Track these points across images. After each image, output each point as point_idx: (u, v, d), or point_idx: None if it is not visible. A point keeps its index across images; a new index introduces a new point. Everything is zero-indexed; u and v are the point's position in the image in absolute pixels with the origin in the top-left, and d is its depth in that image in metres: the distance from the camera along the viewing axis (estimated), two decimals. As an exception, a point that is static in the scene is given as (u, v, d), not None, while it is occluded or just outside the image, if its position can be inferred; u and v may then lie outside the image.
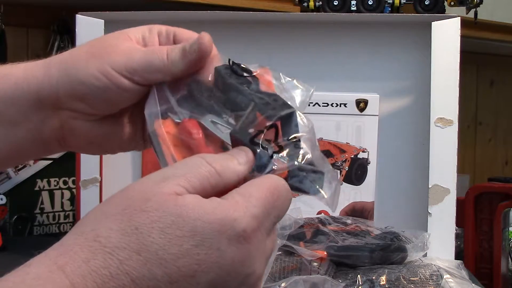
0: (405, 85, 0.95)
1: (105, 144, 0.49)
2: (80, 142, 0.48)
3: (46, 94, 0.45)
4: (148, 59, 0.44)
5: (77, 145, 0.49)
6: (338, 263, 0.76)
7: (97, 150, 0.52)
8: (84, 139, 0.48)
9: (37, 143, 0.47)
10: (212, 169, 0.36)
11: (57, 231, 1.22)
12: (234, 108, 0.42)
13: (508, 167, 2.06)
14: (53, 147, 0.49)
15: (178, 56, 0.44)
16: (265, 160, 0.39)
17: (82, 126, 0.47)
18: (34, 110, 0.46)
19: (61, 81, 0.45)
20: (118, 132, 0.49)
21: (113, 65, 0.44)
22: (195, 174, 0.36)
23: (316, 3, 0.99)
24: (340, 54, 0.95)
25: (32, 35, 1.36)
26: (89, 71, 0.44)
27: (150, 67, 0.44)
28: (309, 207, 0.92)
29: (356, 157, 0.92)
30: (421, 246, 0.80)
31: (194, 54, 0.44)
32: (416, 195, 0.92)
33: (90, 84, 0.44)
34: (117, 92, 0.44)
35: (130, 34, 0.46)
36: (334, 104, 0.93)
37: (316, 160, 0.41)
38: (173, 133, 0.42)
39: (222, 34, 0.96)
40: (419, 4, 0.98)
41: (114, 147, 0.50)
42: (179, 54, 0.44)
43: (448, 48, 0.88)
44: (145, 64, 0.44)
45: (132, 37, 0.46)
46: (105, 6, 0.91)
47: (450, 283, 0.73)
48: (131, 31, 0.47)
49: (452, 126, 0.88)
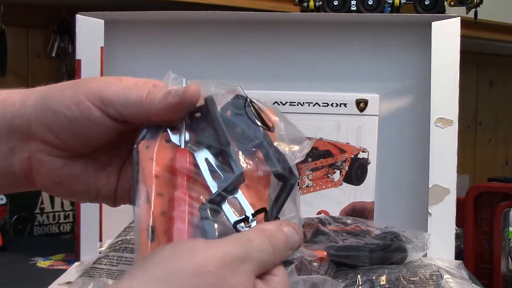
0: (405, 85, 0.95)
1: (73, 188, 0.46)
2: (47, 180, 0.45)
3: (19, 122, 0.43)
4: (126, 92, 0.42)
5: (44, 183, 0.46)
6: (338, 263, 0.76)
7: (64, 193, 0.47)
8: (52, 177, 0.45)
9: (6, 173, 0.45)
10: (274, 261, 0.38)
11: (57, 231, 1.22)
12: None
13: (508, 167, 2.06)
14: (22, 183, 0.46)
15: (159, 96, 0.41)
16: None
17: (50, 162, 0.44)
18: (5, 137, 0.44)
19: (35, 109, 0.43)
20: (88, 177, 0.46)
21: (87, 93, 0.41)
22: (265, 263, 0.38)
23: (316, 3, 0.99)
24: (340, 54, 0.95)
25: (32, 35, 1.36)
26: (62, 100, 0.42)
27: (126, 100, 0.41)
28: (309, 207, 0.92)
29: (356, 157, 0.92)
30: (421, 246, 0.80)
31: (176, 97, 0.41)
32: (416, 195, 0.92)
33: (59, 113, 0.42)
34: (87, 125, 0.42)
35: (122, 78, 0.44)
36: (334, 104, 0.93)
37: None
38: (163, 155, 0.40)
39: (222, 34, 0.97)
40: (419, 4, 0.98)
41: (83, 194, 0.47)
42: (160, 94, 0.41)
43: (448, 48, 0.88)
44: (121, 96, 0.41)
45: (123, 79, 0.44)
46: (105, 6, 0.91)
47: (450, 283, 0.73)
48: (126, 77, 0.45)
49: (452, 126, 0.88)
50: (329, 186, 0.93)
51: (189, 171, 0.39)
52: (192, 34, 0.95)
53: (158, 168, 0.40)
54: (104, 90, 0.41)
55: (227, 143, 0.40)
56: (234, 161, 0.40)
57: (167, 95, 0.41)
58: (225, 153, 0.40)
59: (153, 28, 0.95)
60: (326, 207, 0.93)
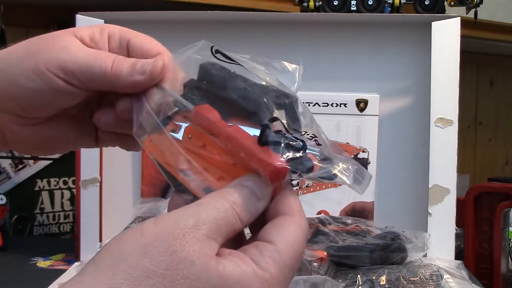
0: (405, 85, 0.95)
1: (51, 147, 0.44)
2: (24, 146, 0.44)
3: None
4: (88, 63, 0.39)
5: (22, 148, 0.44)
6: (338, 263, 0.76)
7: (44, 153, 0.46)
8: (28, 143, 0.43)
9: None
10: (237, 216, 0.34)
11: (57, 231, 1.22)
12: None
13: (508, 167, 2.06)
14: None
15: (125, 71, 0.39)
16: (307, 162, 0.36)
17: (23, 131, 0.42)
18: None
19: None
20: (65, 133, 0.44)
21: (47, 64, 0.38)
22: (225, 221, 0.33)
23: (316, 3, 0.99)
24: (340, 54, 0.95)
25: (32, 35, 1.34)
26: (22, 70, 0.39)
27: (90, 73, 0.39)
28: (309, 207, 0.92)
29: (356, 157, 0.92)
30: (421, 246, 0.80)
31: (142, 76, 0.39)
32: (416, 195, 0.92)
33: (23, 85, 0.39)
34: (53, 93, 0.39)
35: (76, 32, 0.41)
36: (334, 104, 0.93)
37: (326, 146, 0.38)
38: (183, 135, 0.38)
39: (222, 34, 0.97)
40: (419, 4, 0.98)
41: (62, 149, 0.45)
42: (126, 69, 0.39)
43: (448, 48, 0.88)
44: (84, 68, 0.39)
45: (77, 36, 0.41)
46: (105, 6, 0.91)
47: (450, 283, 0.73)
48: (79, 29, 0.41)
49: (452, 126, 0.88)
50: (329, 186, 0.93)
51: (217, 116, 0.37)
52: (192, 34, 0.95)
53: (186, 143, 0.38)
54: (64, 59, 0.39)
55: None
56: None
57: (133, 71, 0.39)
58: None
59: (153, 28, 0.95)
60: (326, 207, 0.93)
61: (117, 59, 0.40)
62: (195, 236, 0.32)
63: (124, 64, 0.39)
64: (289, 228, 0.35)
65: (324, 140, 0.38)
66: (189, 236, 0.32)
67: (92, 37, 0.41)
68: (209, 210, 0.33)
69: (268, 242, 0.34)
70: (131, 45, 0.42)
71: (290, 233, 0.35)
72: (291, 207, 0.36)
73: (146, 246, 0.32)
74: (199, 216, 0.33)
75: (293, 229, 0.35)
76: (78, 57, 0.39)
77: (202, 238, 0.32)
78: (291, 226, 0.35)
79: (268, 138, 0.35)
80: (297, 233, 0.35)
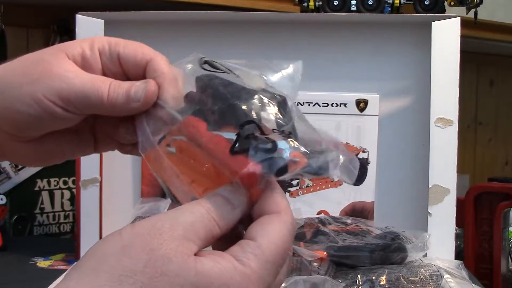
0: (405, 85, 0.95)
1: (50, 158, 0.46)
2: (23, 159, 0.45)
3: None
4: (85, 92, 0.40)
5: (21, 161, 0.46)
6: (338, 263, 0.76)
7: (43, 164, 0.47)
8: (27, 158, 0.45)
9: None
10: (214, 222, 0.35)
11: (57, 231, 1.22)
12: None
13: (508, 167, 2.06)
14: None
15: (120, 99, 0.40)
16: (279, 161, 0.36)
17: (22, 147, 0.43)
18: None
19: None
20: (64, 145, 0.45)
21: (46, 93, 0.40)
22: (202, 225, 0.35)
23: (316, 3, 0.99)
24: (340, 54, 0.95)
25: (32, 35, 1.36)
26: (20, 96, 0.40)
27: (87, 102, 0.40)
28: (309, 207, 0.92)
29: (356, 157, 0.92)
30: (421, 246, 0.80)
31: (137, 103, 0.41)
32: (416, 195, 0.92)
33: (20, 110, 0.40)
34: (51, 119, 0.41)
35: (67, 51, 0.42)
36: (334, 104, 0.93)
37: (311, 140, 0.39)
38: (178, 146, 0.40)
39: (222, 34, 0.97)
40: (419, 4, 0.98)
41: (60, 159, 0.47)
42: (121, 97, 0.40)
43: (448, 48, 0.88)
44: (81, 97, 0.40)
45: (70, 56, 0.41)
46: (105, 6, 0.91)
47: (450, 283, 0.73)
48: (70, 47, 0.42)
49: (452, 126, 0.88)
50: (329, 186, 0.93)
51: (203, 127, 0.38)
52: (192, 34, 0.95)
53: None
54: (61, 87, 0.40)
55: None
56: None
57: (128, 99, 0.40)
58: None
59: (153, 28, 0.95)
60: (326, 207, 0.93)
61: (112, 85, 0.41)
62: (172, 235, 0.33)
63: (120, 91, 0.41)
64: (273, 225, 0.36)
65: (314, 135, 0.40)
66: (166, 235, 0.33)
67: (83, 56, 0.42)
68: (186, 214, 0.35)
69: (250, 239, 0.35)
70: (122, 58, 0.43)
71: (273, 229, 0.36)
72: (278, 206, 0.37)
73: (124, 247, 0.33)
74: (176, 219, 0.34)
75: (277, 226, 0.36)
76: (76, 85, 0.40)
77: (178, 238, 0.33)
78: (275, 223, 0.36)
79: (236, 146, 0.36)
80: (281, 229, 0.36)
